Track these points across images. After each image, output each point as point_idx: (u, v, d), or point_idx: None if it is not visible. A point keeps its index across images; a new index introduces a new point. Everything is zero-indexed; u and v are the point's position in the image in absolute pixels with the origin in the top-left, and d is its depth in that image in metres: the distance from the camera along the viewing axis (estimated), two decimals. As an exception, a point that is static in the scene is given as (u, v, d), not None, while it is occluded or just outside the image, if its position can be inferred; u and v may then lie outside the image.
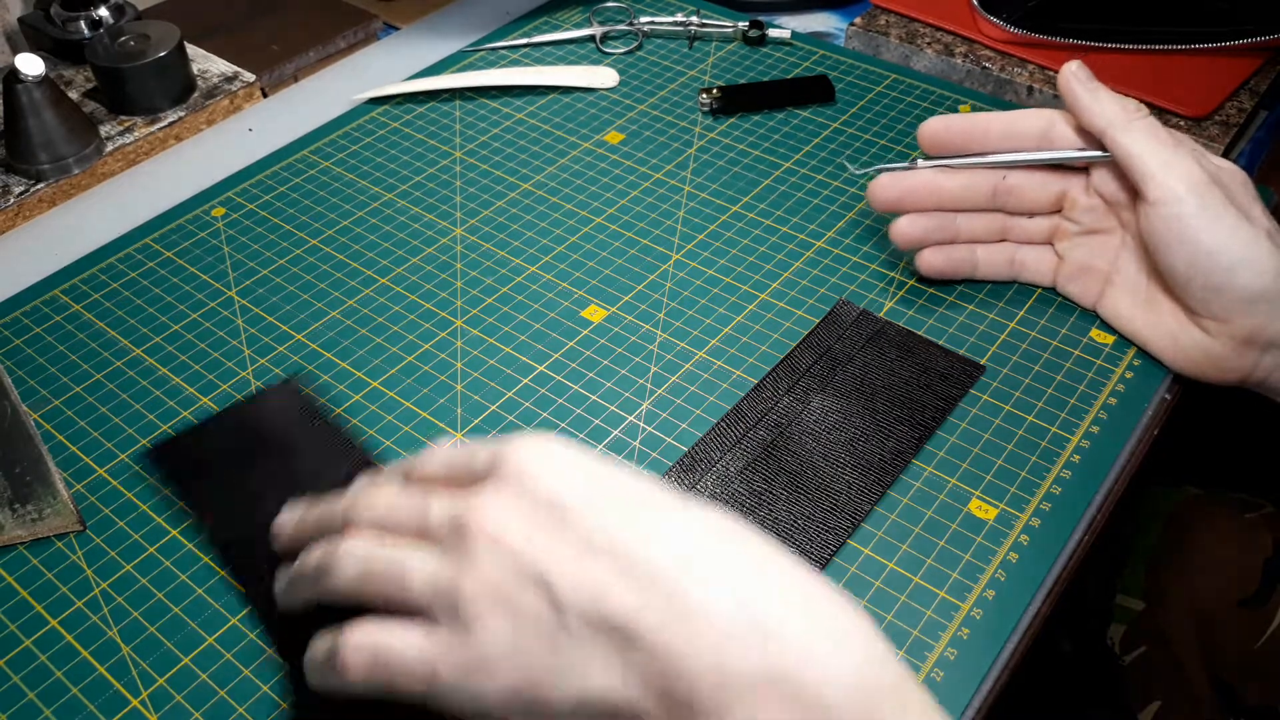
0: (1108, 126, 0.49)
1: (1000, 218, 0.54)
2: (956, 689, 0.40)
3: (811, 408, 0.50)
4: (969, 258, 0.54)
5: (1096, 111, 0.49)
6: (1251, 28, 0.69)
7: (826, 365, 0.52)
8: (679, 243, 0.60)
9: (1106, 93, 0.49)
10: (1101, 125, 0.49)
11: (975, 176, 0.52)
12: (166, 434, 0.31)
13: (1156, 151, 0.47)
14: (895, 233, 0.54)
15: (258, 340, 0.55)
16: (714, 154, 0.67)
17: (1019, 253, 0.55)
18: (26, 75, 0.63)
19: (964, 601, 0.43)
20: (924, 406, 0.50)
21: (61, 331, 0.56)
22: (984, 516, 0.46)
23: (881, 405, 0.50)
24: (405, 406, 0.52)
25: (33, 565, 0.46)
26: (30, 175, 0.65)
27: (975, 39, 0.74)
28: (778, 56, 0.75)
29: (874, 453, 0.48)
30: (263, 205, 0.64)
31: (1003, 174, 0.52)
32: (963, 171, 0.52)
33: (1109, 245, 0.52)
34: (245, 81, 0.74)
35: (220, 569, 0.43)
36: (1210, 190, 0.46)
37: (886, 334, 0.53)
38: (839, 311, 0.55)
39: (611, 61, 0.76)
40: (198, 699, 0.41)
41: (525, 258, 0.60)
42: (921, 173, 0.52)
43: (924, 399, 0.50)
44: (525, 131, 0.69)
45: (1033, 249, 0.55)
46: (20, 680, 0.42)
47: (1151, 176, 0.47)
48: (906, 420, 0.49)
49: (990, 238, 0.54)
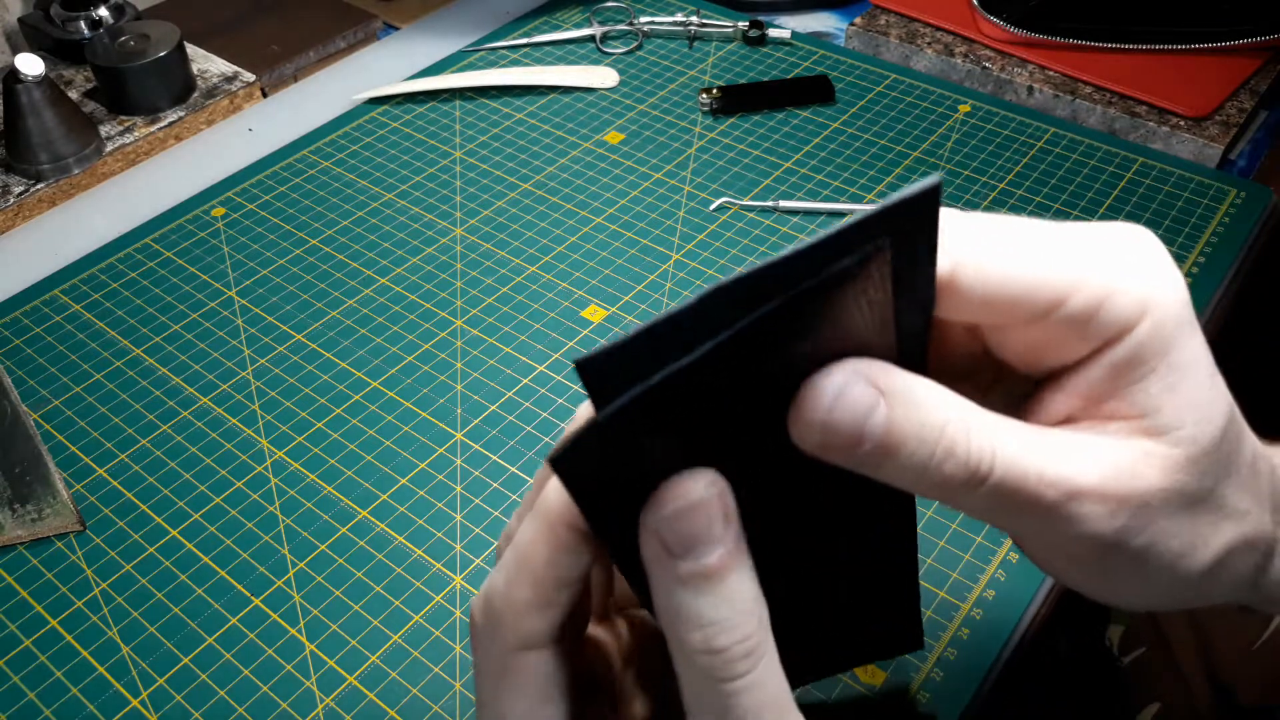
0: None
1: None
2: (956, 689, 0.40)
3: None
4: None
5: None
6: (1251, 28, 0.69)
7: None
8: (679, 243, 0.60)
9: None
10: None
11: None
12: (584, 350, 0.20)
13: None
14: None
15: (258, 340, 0.55)
16: (714, 154, 0.67)
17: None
18: (26, 75, 0.63)
19: (964, 601, 0.43)
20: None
21: (61, 331, 0.56)
22: (984, 517, 0.46)
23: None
24: (405, 406, 0.52)
25: (33, 565, 0.46)
26: (30, 175, 0.65)
27: (975, 39, 0.74)
28: (778, 56, 0.75)
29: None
30: (263, 205, 0.64)
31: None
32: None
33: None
34: (245, 81, 0.74)
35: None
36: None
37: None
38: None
39: (611, 61, 0.76)
40: (198, 699, 0.41)
41: (525, 258, 0.60)
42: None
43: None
44: (525, 131, 0.69)
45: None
46: (20, 680, 0.42)
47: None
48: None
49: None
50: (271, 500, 0.48)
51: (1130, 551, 0.24)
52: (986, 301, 0.23)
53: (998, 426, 0.23)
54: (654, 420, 0.20)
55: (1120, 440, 0.23)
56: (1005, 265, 0.23)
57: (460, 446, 0.50)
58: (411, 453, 0.50)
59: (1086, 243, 0.23)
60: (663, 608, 0.22)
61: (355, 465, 0.49)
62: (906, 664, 0.41)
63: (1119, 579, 0.25)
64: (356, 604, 0.44)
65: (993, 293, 0.23)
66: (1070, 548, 0.24)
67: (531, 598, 0.24)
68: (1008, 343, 0.25)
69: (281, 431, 0.51)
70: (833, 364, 0.22)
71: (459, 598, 0.44)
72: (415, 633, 0.43)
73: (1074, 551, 0.24)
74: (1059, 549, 0.25)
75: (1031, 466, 0.22)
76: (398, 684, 0.41)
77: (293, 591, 0.44)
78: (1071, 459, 0.23)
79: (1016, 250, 0.23)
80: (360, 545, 0.46)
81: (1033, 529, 0.24)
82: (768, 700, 0.22)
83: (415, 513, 0.47)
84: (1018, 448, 0.22)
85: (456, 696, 0.41)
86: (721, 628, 0.21)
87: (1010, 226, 0.24)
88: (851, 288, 0.21)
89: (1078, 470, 0.23)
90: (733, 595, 0.22)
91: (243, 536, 0.46)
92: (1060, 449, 0.23)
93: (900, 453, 0.22)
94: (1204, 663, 0.56)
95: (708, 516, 0.21)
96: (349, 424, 0.51)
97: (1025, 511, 0.23)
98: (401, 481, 0.48)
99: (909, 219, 0.21)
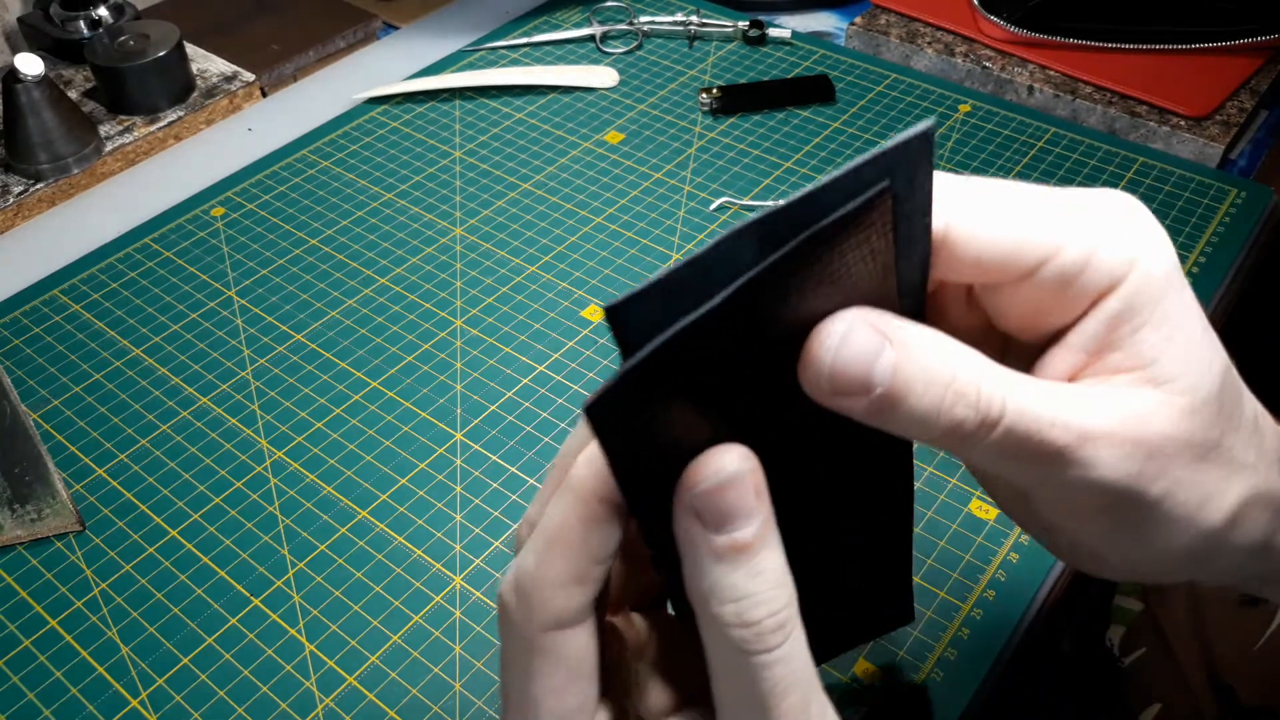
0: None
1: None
2: (956, 690, 0.40)
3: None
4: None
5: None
6: (1252, 27, 0.69)
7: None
8: (679, 243, 0.60)
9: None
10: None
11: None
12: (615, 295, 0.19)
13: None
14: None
15: (257, 340, 0.55)
16: (714, 154, 0.67)
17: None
18: (26, 75, 0.62)
19: (964, 602, 0.43)
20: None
21: (61, 331, 0.56)
22: (984, 517, 0.46)
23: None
24: (405, 406, 0.52)
25: (32, 565, 0.46)
26: (29, 175, 0.65)
27: (976, 39, 0.74)
28: (778, 56, 0.75)
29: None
30: (262, 205, 0.64)
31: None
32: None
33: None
34: (245, 81, 0.73)
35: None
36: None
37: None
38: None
39: (611, 61, 0.76)
40: (197, 699, 0.41)
41: (525, 258, 0.60)
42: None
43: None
44: (525, 131, 0.69)
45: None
46: (20, 680, 0.42)
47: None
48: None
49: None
50: (271, 500, 0.48)
51: (1146, 501, 0.24)
52: (979, 259, 0.24)
53: (1007, 375, 0.23)
54: (683, 368, 0.21)
55: (1126, 390, 0.24)
56: (996, 223, 0.23)
57: (460, 447, 0.50)
58: (411, 453, 0.50)
59: (1075, 204, 0.24)
60: (695, 582, 0.22)
61: (355, 465, 0.49)
62: (907, 663, 0.41)
63: (1135, 536, 0.25)
64: (356, 604, 0.44)
65: (984, 249, 0.24)
66: (1084, 498, 0.24)
67: (565, 574, 0.23)
68: (1006, 309, 0.25)
69: (281, 431, 0.51)
70: (837, 313, 0.22)
71: (459, 598, 0.44)
72: (415, 633, 0.43)
73: (1087, 504, 0.24)
74: (1071, 505, 0.25)
75: (1044, 411, 0.22)
76: (397, 684, 0.41)
77: (292, 592, 0.44)
78: (1082, 405, 0.23)
79: (1007, 209, 0.24)
80: (360, 545, 0.46)
81: (1044, 480, 0.24)
82: (797, 673, 0.22)
83: (415, 513, 0.47)
84: (1029, 394, 0.23)
85: (456, 697, 0.41)
86: (755, 601, 0.22)
87: (1000, 188, 0.24)
88: (855, 235, 0.21)
89: (1089, 415, 0.23)
90: (765, 569, 0.22)
91: (242, 537, 0.46)
92: (1071, 397, 0.23)
93: (909, 397, 0.22)
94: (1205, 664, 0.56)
95: (743, 491, 0.22)
96: (348, 424, 0.51)
97: (1038, 459, 0.23)
98: (401, 482, 0.48)
99: (906, 165, 0.22)
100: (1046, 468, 0.23)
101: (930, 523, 0.46)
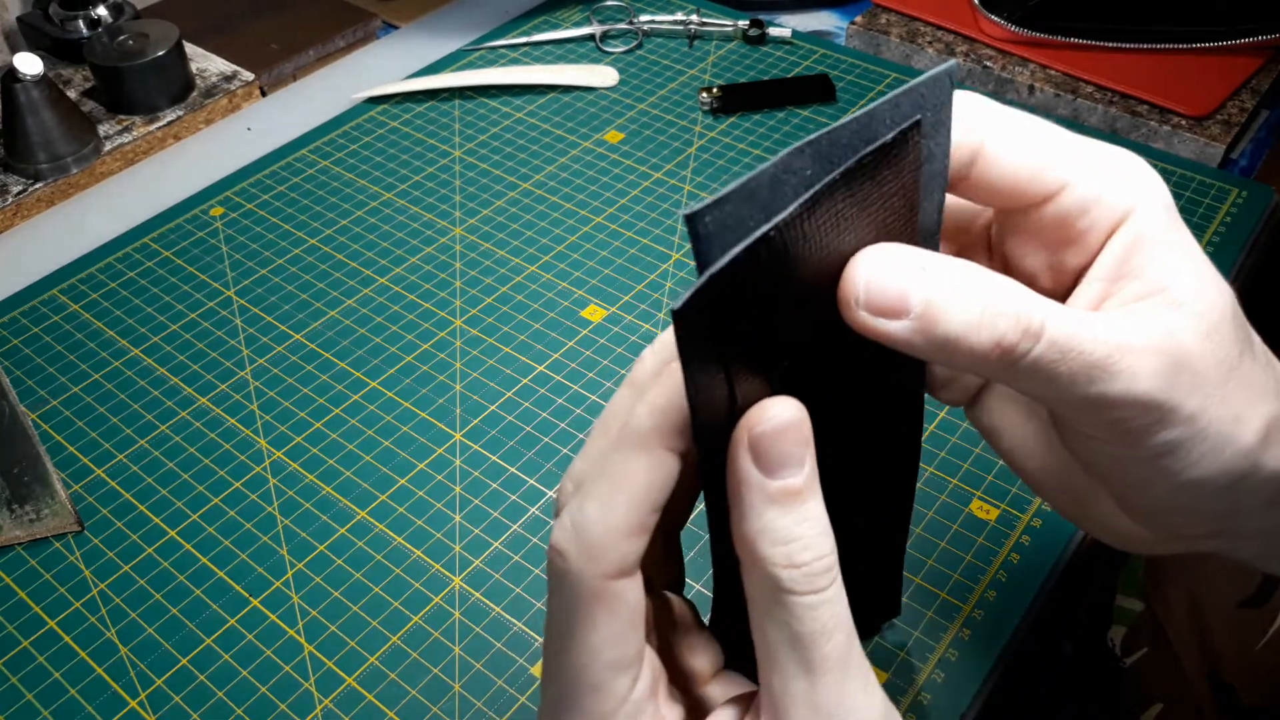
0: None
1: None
2: (957, 690, 0.40)
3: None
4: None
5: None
6: (1252, 27, 0.69)
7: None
8: (679, 242, 0.60)
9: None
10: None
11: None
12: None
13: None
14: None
15: (257, 340, 0.55)
16: (714, 154, 0.67)
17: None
18: (25, 74, 0.62)
19: (965, 603, 0.43)
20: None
21: (60, 331, 0.56)
22: (985, 517, 0.46)
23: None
24: (405, 406, 0.52)
25: (31, 566, 0.46)
26: (28, 174, 0.65)
27: (976, 38, 0.74)
28: (778, 55, 0.75)
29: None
30: (262, 205, 0.64)
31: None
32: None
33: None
34: (244, 80, 0.73)
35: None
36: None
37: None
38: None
39: (611, 60, 0.75)
40: (196, 700, 0.41)
41: (525, 258, 0.60)
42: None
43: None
44: (525, 131, 0.69)
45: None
46: (19, 681, 0.42)
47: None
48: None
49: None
50: (270, 501, 0.48)
51: (1183, 417, 0.24)
52: (1002, 179, 0.26)
53: (1042, 298, 0.24)
54: (753, 282, 0.21)
55: (1152, 311, 0.25)
56: (1023, 146, 0.25)
57: (459, 447, 0.50)
58: (410, 453, 0.50)
59: (1088, 145, 0.26)
60: (747, 523, 0.23)
61: (354, 465, 0.49)
62: (908, 664, 0.41)
63: (1172, 462, 0.25)
64: (355, 605, 0.44)
65: (1011, 170, 0.25)
66: (1124, 418, 0.24)
67: (629, 521, 0.24)
68: (1025, 250, 0.27)
69: (280, 432, 0.51)
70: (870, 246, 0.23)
71: (458, 598, 0.44)
72: (414, 634, 0.43)
73: (1126, 420, 0.25)
74: (1111, 424, 0.25)
75: (1080, 328, 0.23)
76: (397, 685, 0.41)
77: (291, 592, 0.44)
78: (1116, 323, 0.24)
79: (1032, 135, 0.26)
80: (359, 546, 0.46)
81: (1083, 397, 0.24)
82: (840, 617, 0.23)
83: (414, 513, 0.47)
84: (1065, 314, 0.24)
85: (456, 697, 0.41)
86: (804, 544, 0.23)
87: (1024, 117, 0.26)
88: (891, 167, 0.23)
89: (1124, 331, 0.24)
90: (813, 516, 0.23)
91: (241, 537, 0.46)
92: (1104, 318, 0.24)
93: (951, 314, 0.23)
94: (1206, 664, 0.56)
95: (797, 437, 0.23)
96: (348, 424, 0.51)
97: (1078, 374, 0.23)
98: (400, 482, 0.48)
99: (934, 105, 0.23)
100: (1086, 386, 0.24)
101: (931, 523, 0.45)
